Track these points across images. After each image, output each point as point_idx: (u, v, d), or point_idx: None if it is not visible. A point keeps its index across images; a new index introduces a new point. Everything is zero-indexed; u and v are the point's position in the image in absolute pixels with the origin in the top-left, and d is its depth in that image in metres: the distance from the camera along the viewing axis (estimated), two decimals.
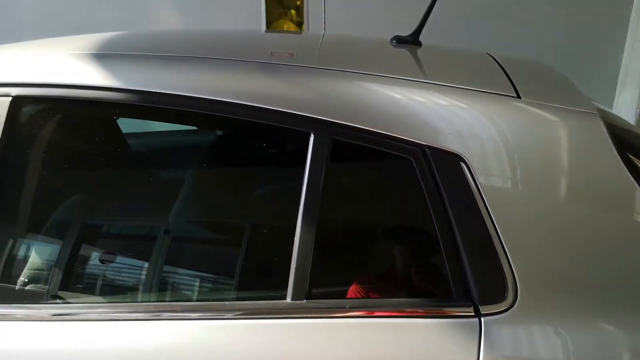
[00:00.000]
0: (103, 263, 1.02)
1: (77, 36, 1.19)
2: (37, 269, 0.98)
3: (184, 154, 1.27)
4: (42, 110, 0.97)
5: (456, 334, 0.78)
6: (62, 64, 0.96)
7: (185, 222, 1.12)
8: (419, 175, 0.82)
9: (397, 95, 0.89)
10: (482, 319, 0.78)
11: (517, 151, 0.84)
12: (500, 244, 0.79)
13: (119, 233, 1.12)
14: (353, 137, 0.85)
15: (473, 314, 0.78)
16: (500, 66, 1.09)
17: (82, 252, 1.01)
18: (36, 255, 1.00)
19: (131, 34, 1.27)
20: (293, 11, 4.29)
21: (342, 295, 0.87)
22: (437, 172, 0.82)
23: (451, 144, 0.83)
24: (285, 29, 4.33)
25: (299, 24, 4.30)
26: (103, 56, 0.97)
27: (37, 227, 1.03)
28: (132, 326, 0.82)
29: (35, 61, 0.98)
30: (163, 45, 1.12)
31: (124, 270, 1.04)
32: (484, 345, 0.76)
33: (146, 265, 0.99)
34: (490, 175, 0.82)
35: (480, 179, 0.81)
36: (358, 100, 0.88)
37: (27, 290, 0.95)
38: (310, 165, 0.84)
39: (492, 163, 0.83)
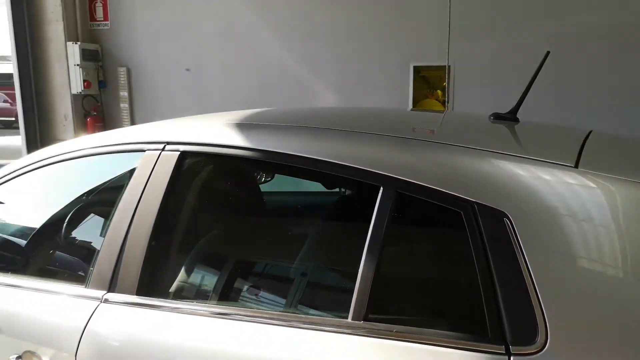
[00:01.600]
0: (250, 288, 1.31)
1: (233, 112, 1.59)
2: (201, 279, 1.32)
3: (300, 209, 1.56)
4: (198, 161, 1.35)
5: None
6: (215, 130, 1.34)
7: (301, 261, 1.39)
8: (466, 227, 0.97)
9: (461, 161, 1.06)
10: (512, 358, 0.87)
11: (560, 213, 0.93)
12: (535, 294, 0.88)
13: (250, 260, 1.43)
14: (416, 192, 1.03)
15: (504, 352, 0.88)
16: (585, 140, 1.19)
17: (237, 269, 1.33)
18: (202, 268, 1.35)
19: (275, 110, 1.64)
20: (439, 91, 4.55)
21: (393, 321, 1.02)
22: (483, 225, 0.96)
23: (497, 202, 0.96)
24: (430, 107, 4.59)
25: (444, 103, 4.53)
26: (244, 125, 1.32)
27: (200, 249, 1.38)
28: (251, 326, 1.07)
29: (197, 128, 1.38)
30: (300, 118, 1.45)
31: (258, 282, 1.32)
32: None
33: (274, 284, 1.26)
34: (531, 231, 0.93)
35: (521, 234, 0.92)
36: (433, 163, 1.07)
37: (196, 291, 1.28)
38: (376, 213, 1.04)
39: (534, 221, 0.94)
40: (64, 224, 1.67)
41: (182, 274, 1.33)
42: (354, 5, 4.53)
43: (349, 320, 1.01)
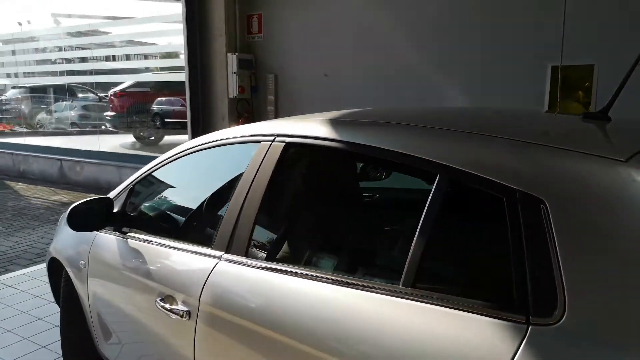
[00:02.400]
0: (328, 257, 1.56)
1: (337, 111, 1.84)
2: (291, 248, 1.61)
3: (382, 198, 1.73)
4: (299, 151, 1.63)
5: (507, 333, 0.98)
6: (313, 125, 1.60)
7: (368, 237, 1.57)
8: (506, 210, 1.08)
9: (513, 153, 1.17)
10: (530, 327, 0.97)
11: (596, 203, 1.00)
12: (559, 273, 0.97)
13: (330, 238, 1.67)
14: (467, 179, 1.17)
15: (524, 321, 0.98)
16: None
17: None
18: (293, 239, 1.63)
19: (372, 109, 1.85)
20: (580, 92, 4.28)
21: (435, 289, 1.16)
22: (521, 209, 1.06)
23: (537, 190, 1.06)
24: (571, 109, 4.34)
25: (586, 105, 4.25)
26: (337, 122, 1.56)
27: (294, 223, 1.66)
28: (323, 286, 1.32)
29: (301, 124, 1.66)
30: (395, 116, 1.63)
31: (334, 253, 1.55)
32: (525, 345, 0.95)
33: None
34: (565, 217, 1.01)
35: (554, 219, 1.01)
36: (488, 154, 1.20)
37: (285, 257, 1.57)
38: (431, 197, 1.20)
39: (569, 209, 1.01)
40: (203, 201, 2.08)
41: (278, 242, 1.62)
42: (489, 5, 4.48)
43: (400, 286, 1.18)
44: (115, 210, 2.30)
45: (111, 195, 2.46)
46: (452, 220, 1.22)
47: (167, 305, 1.80)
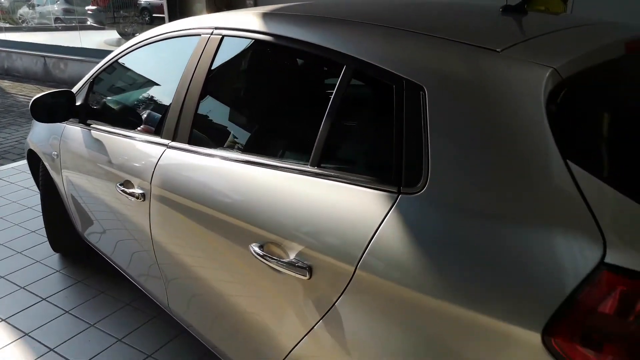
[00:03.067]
0: (253, 142, 1.70)
1: (281, 5, 1.88)
2: (225, 135, 1.75)
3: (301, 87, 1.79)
4: (235, 44, 1.71)
5: (384, 200, 1.16)
6: (249, 19, 1.67)
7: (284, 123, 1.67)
8: (396, 94, 1.20)
9: (401, 43, 1.26)
10: (400, 195, 1.14)
11: (467, 90, 1.12)
12: (427, 150, 1.12)
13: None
14: (370, 70, 1.27)
15: (396, 191, 1.15)
16: (554, 31, 1.29)
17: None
18: (228, 127, 1.77)
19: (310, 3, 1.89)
20: None
21: (336, 168, 1.32)
22: (405, 95, 1.18)
23: (416, 77, 1.17)
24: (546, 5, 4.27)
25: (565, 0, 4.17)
26: (275, 15, 1.62)
27: (227, 111, 1.79)
28: (245, 166, 1.49)
29: (236, 16, 1.72)
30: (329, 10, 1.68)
31: (259, 138, 1.70)
32: (394, 208, 1.13)
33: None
34: (439, 102, 1.13)
35: (430, 104, 1.14)
36: (382, 46, 1.29)
37: (221, 142, 1.72)
38: (338, 84, 1.31)
39: (444, 94, 1.13)
40: (154, 93, 2.19)
41: (215, 130, 1.76)
42: None
43: (309, 166, 1.34)
44: (78, 103, 2.41)
45: (74, 89, 2.55)
46: (353, 106, 1.34)
47: (126, 189, 1.98)
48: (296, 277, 1.31)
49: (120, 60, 2.33)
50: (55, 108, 2.29)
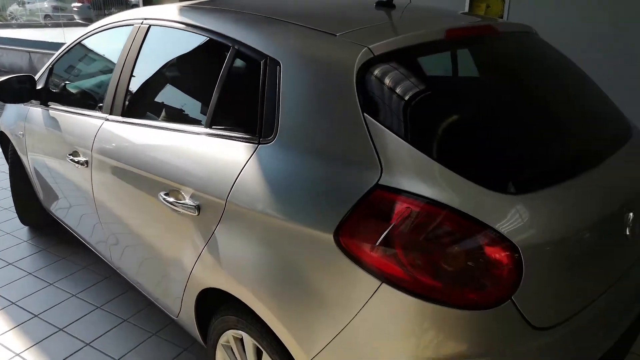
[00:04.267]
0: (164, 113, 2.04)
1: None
2: (146, 109, 2.09)
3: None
4: (156, 32, 2.05)
5: (249, 149, 1.50)
6: (167, 9, 2.01)
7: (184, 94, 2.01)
8: (262, 68, 1.54)
9: (266, 27, 1.61)
10: (259, 145, 1.48)
11: (307, 63, 1.46)
12: (278, 110, 1.46)
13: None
14: (250, 51, 1.61)
15: (257, 140, 1.49)
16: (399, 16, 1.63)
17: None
18: (148, 103, 2.11)
19: None
20: None
21: (222, 129, 1.65)
22: (268, 67, 1.53)
23: (276, 55, 1.52)
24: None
25: None
26: (185, 7, 1.96)
27: (147, 89, 2.13)
28: (154, 130, 1.84)
29: (161, 8, 2.06)
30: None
31: (167, 110, 2.03)
32: (255, 153, 1.47)
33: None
34: (289, 73, 1.48)
35: (283, 76, 1.48)
36: (252, 27, 1.64)
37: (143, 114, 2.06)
38: (225, 62, 1.66)
39: (290, 66, 1.48)
40: (98, 75, 2.52)
41: (142, 105, 2.10)
42: None
43: (204, 127, 1.69)
44: (39, 87, 2.74)
45: (37, 75, 2.88)
46: (235, 80, 1.68)
47: (74, 158, 2.32)
48: (190, 214, 1.65)
49: (73, 49, 2.66)
50: (19, 91, 2.62)
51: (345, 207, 1.25)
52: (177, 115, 1.88)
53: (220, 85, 1.68)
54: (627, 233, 1.47)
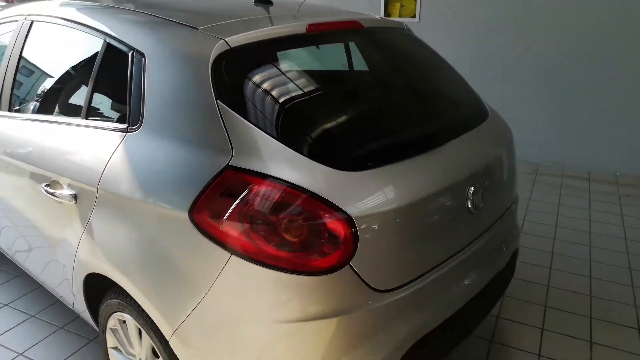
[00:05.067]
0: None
1: None
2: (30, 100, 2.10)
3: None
4: (38, 27, 2.07)
5: (119, 136, 1.57)
6: (48, 5, 2.03)
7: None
8: (129, 60, 1.61)
9: (136, 24, 1.68)
10: (127, 133, 1.56)
11: (170, 54, 1.54)
12: (142, 100, 1.53)
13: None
14: (121, 44, 1.68)
15: (126, 129, 1.57)
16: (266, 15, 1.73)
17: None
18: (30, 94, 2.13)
19: None
20: None
21: (100, 120, 1.72)
22: (134, 60, 1.60)
23: (141, 47, 1.59)
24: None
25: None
26: (64, 3, 2.00)
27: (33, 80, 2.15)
28: (39, 124, 1.88)
29: (44, 4, 2.09)
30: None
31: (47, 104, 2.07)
32: (124, 140, 1.55)
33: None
34: (152, 64, 1.56)
35: (148, 67, 1.56)
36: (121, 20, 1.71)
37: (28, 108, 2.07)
38: (99, 55, 1.72)
39: (156, 58, 1.56)
40: None
41: (25, 99, 2.12)
42: None
43: (81, 119, 1.74)
44: None
45: None
46: (108, 71, 1.74)
47: None
48: (69, 203, 1.70)
49: None
50: None
51: (199, 186, 1.34)
52: (57, 108, 1.93)
53: (93, 77, 1.74)
54: (469, 206, 1.63)
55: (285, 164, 1.33)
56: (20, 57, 2.10)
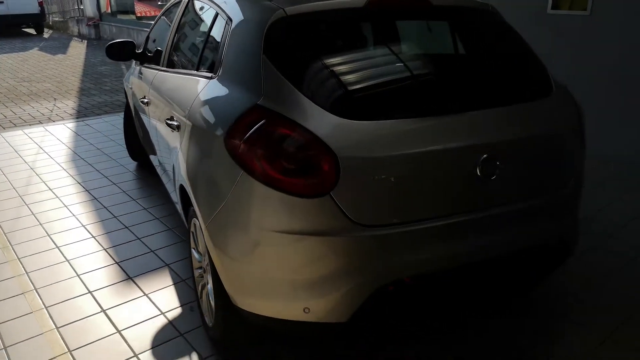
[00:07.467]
0: None
1: None
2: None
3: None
4: (189, 4, 2.75)
5: (203, 84, 2.09)
6: None
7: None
8: (224, 25, 2.12)
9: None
10: (210, 80, 2.06)
11: (245, 20, 1.99)
12: (223, 54, 2.01)
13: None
14: (221, 11, 2.21)
15: (210, 77, 2.07)
16: None
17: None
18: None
19: None
20: None
21: (186, 67, 2.27)
22: (227, 24, 2.09)
23: (231, 14, 2.07)
24: None
25: None
26: None
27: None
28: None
29: None
30: None
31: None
32: (208, 84, 2.06)
33: None
34: (235, 27, 2.02)
35: (232, 28, 2.03)
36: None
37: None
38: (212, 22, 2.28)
39: (238, 23, 2.02)
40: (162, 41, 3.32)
41: (169, 58, 2.82)
42: None
43: (192, 70, 2.34)
44: (138, 51, 3.65)
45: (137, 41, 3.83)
46: (215, 34, 2.26)
47: (144, 100, 3.15)
48: (176, 132, 2.30)
49: (159, 21, 3.52)
50: (120, 51, 3.55)
51: (234, 117, 1.76)
52: (180, 63, 2.58)
53: (205, 39, 2.29)
54: (478, 173, 1.70)
55: (299, 109, 1.65)
56: (178, 28, 2.82)
